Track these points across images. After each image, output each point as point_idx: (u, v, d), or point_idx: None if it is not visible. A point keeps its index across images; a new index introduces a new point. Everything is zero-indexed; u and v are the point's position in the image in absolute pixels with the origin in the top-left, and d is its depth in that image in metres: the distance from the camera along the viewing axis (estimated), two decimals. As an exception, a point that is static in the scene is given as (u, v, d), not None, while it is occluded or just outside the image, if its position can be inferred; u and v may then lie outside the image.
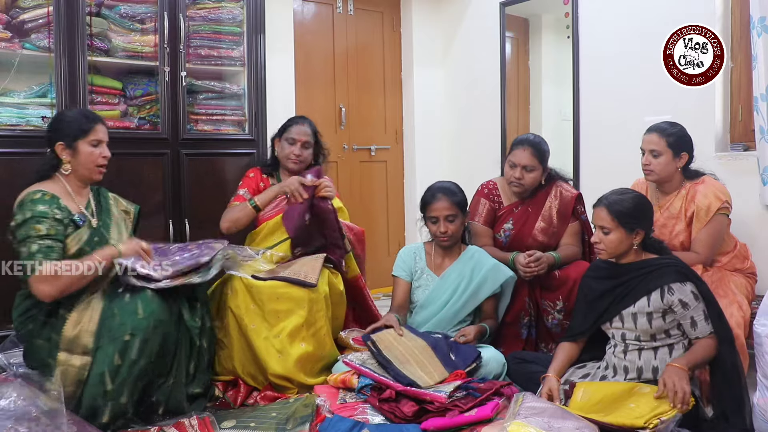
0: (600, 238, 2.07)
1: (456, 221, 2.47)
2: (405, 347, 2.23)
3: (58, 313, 2.03)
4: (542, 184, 2.67)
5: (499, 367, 2.30)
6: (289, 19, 3.89)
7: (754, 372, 2.09)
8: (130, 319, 1.96)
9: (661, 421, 1.76)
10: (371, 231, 4.37)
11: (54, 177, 2.13)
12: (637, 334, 2.03)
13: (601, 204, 2.08)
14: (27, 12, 2.68)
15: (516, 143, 2.66)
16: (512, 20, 4.15)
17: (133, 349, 1.94)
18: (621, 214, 2.03)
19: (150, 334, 1.96)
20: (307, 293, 2.33)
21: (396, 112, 4.55)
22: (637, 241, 2.06)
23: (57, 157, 2.12)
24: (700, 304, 1.97)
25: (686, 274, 2.00)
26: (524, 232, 2.64)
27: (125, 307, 1.99)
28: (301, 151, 2.68)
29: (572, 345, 2.17)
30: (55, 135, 2.12)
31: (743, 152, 2.94)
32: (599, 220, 2.07)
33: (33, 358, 2.07)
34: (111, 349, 1.94)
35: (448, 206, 2.45)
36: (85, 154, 2.12)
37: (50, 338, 2.01)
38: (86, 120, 2.14)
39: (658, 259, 2.06)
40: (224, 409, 2.23)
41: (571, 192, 2.67)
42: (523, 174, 2.60)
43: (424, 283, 2.53)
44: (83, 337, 1.99)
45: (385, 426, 1.96)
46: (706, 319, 1.97)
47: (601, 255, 2.10)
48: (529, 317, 2.53)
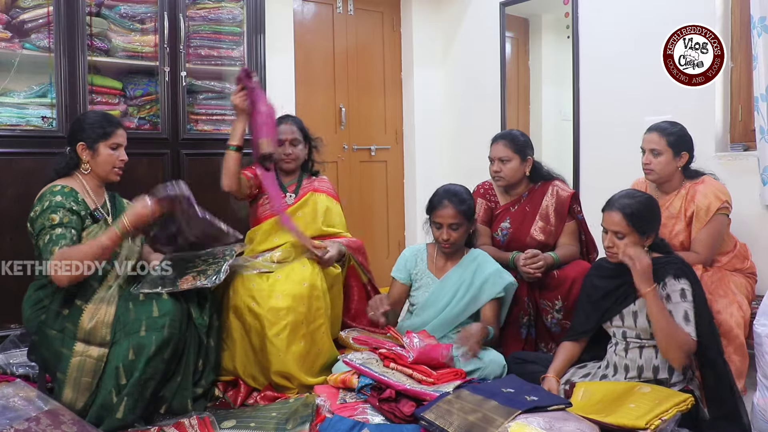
0: (613, 242, 2.04)
1: (460, 229, 2.43)
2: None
3: (74, 304, 2.08)
4: (527, 175, 2.68)
5: (499, 368, 2.29)
6: (289, 19, 3.89)
7: (754, 372, 2.09)
8: (145, 316, 2.04)
9: (662, 421, 1.76)
10: (371, 231, 4.38)
11: (73, 175, 2.21)
12: (638, 332, 2.03)
13: (614, 208, 2.04)
14: (27, 12, 2.68)
15: (492, 140, 2.72)
16: (512, 20, 4.15)
17: (148, 346, 2.00)
18: (635, 218, 2.00)
19: (164, 333, 2.03)
20: (308, 290, 2.35)
21: (396, 112, 4.55)
22: (648, 244, 2.05)
23: (77, 156, 2.20)
24: (684, 303, 1.95)
25: (684, 272, 1.99)
26: (522, 231, 2.64)
27: (141, 305, 2.08)
28: (291, 150, 2.68)
29: (574, 345, 2.17)
30: (77, 135, 2.20)
31: (743, 152, 2.94)
32: (613, 224, 2.03)
33: (44, 348, 2.09)
34: (126, 344, 2.00)
35: (453, 214, 2.40)
36: (104, 156, 2.20)
37: (64, 329, 2.05)
38: (108, 124, 2.23)
39: (662, 258, 2.05)
40: (224, 409, 2.24)
41: (567, 191, 2.68)
42: (501, 166, 2.65)
43: (425, 285, 2.52)
44: (100, 328, 2.04)
45: (385, 426, 1.95)
46: (685, 319, 1.93)
47: (614, 259, 2.06)
48: (528, 317, 2.53)
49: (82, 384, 2.02)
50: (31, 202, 2.12)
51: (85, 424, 1.88)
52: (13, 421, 1.70)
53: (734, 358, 2.21)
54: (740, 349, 2.22)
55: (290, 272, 2.41)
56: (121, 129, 2.26)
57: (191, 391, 2.16)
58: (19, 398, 1.82)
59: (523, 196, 2.71)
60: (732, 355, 2.21)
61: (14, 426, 1.69)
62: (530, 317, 2.53)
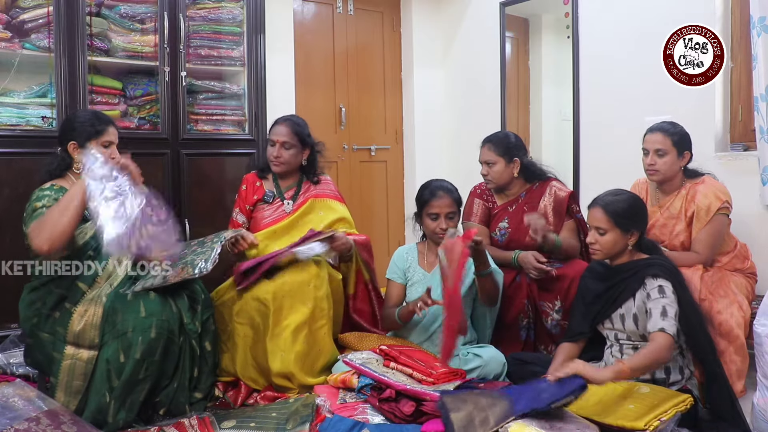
0: (595, 238, 2.07)
1: (455, 218, 2.48)
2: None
3: (63, 306, 2.06)
4: (517, 176, 2.69)
5: (499, 366, 2.30)
6: (289, 19, 3.89)
7: (754, 372, 2.09)
8: (132, 317, 1.99)
9: (661, 422, 1.76)
10: (371, 231, 4.37)
11: (66, 176, 2.18)
12: (627, 334, 2.04)
13: (597, 204, 2.08)
14: (27, 12, 2.69)
15: (481, 143, 2.74)
16: (512, 20, 4.15)
17: (135, 346, 1.95)
18: (616, 215, 2.03)
19: (152, 334, 1.98)
20: (313, 291, 2.34)
21: (396, 112, 4.55)
22: (632, 242, 2.06)
23: (69, 156, 2.17)
24: (662, 299, 1.93)
25: (665, 272, 1.98)
26: (521, 231, 2.64)
27: (128, 305, 2.03)
28: (279, 152, 2.60)
29: (572, 346, 2.17)
30: (68, 134, 2.18)
31: (743, 152, 2.94)
32: (595, 220, 2.07)
33: (38, 352, 2.08)
34: (115, 346, 1.97)
35: (450, 203, 2.45)
36: None
37: (55, 332, 2.03)
38: (99, 121, 2.20)
39: (646, 259, 2.06)
40: (224, 409, 2.23)
41: (564, 191, 2.69)
42: (487, 169, 2.68)
43: (418, 281, 2.53)
44: (89, 330, 2.02)
45: (385, 426, 1.95)
46: (662, 315, 1.91)
47: (596, 255, 2.10)
48: (527, 319, 2.53)
49: (74, 387, 2.00)
50: (32, 202, 2.12)
51: (85, 424, 1.88)
52: (13, 421, 1.70)
53: (734, 358, 2.21)
54: (740, 350, 2.22)
55: (294, 274, 2.39)
56: (112, 127, 2.22)
57: (188, 397, 2.13)
58: (19, 398, 1.82)
59: (520, 196, 2.72)
60: (732, 355, 2.21)
61: (14, 426, 1.69)
62: (530, 320, 2.53)
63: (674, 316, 1.91)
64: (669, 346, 1.87)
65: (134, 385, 1.97)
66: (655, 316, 1.92)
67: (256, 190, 2.68)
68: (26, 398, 1.82)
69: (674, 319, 1.91)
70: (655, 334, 1.89)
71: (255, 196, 2.67)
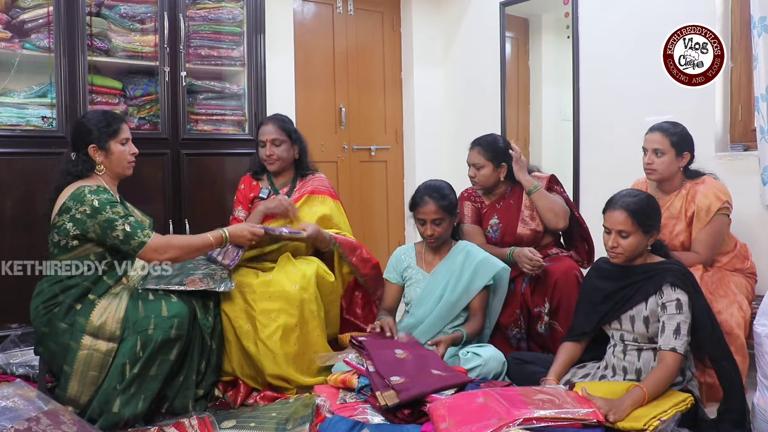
0: (618, 242, 2.01)
1: (443, 224, 2.46)
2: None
3: (87, 298, 2.12)
4: (503, 180, 2.71)
5: (499, 366, 2.29)
6: (289, 19, 3.89)
7: (754, 372, 2.10)
8: (154, 315, 2.07)
9: (661, 422, 1.76)
10: (371, 231, 4.38)
11: (92, 176, 2.22)
12: (635, 336, 2.03)
13: (618, 206, 2.01)
14: (27, 12, 2.69)
15: (470, 145, 2.76)
16: (512, 20, 4.15)
17: (154, 343, 2.03)
18: (640, 216, 1.98)
19: (171, 333, 2.06)
20: (299, 293, 2.35)
21: (396, 112, 4.55)
22: (651, 243, 2.04)
23: (90, 159, 2.20)
24: (678, 315, 1.91)
25: (683, 280, 1.96)
26: (512, 223, 2.68)
27: (150, 304, 2.11)
28: (272, 150, 2.64)
29: (575, 345, 2.16)
30: (85, 138, 2.21)
31: (743, 152, 2.94)
32: (617, 224, 2.00)
33: (52, 341, 2.11)
34: (134, 341, 2.04)
35: (435, 210, 2.43)
36: (117, 153, 2.24)
37: (74, 322, 2.08)
38: (113, 120, 2.26)
39: (663, 263, 2.03)
40: (224, 409, 2.24)
41: (544, 175, 2.74)
42: (475, 172, 2.71)
43: (416, 281, 2.54)
44: (109, 323, 2.08)
45: (385, 426, 1.95)
46: (675, 332, 1.90)
47: (617, 259, 2.04)
48: (518, 329, 2.54)
49: (89, 378, 2.05)
50: (32, 202, 2.13)
51: (85, 423, 1.88)
52: (13, 421, 1.70)
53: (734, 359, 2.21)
54: (740, 350, 2.22)
55: (281, 275, 2.41)
56: (124, 123, 2.29)
57: (193, 391, 2.17)
58: (19, 398, 1.81)
59: (506, 192, 2.75)
60: (732, 356, 2.21)
61: (14, 426, 1.69)
62: (521, 329, 2.54)
63: (687, 333, 1.91)
64: (679, 366, 1.91)
65: (144, 380, 2.02)
66: (668, 332, 1.91)
67: (252, 189, 2.72)
68: (26, 398, 1.82)
69: (687, 335, 1.91)
70: (666, 353, 1.90)
71: (252, 194, 2.70)
